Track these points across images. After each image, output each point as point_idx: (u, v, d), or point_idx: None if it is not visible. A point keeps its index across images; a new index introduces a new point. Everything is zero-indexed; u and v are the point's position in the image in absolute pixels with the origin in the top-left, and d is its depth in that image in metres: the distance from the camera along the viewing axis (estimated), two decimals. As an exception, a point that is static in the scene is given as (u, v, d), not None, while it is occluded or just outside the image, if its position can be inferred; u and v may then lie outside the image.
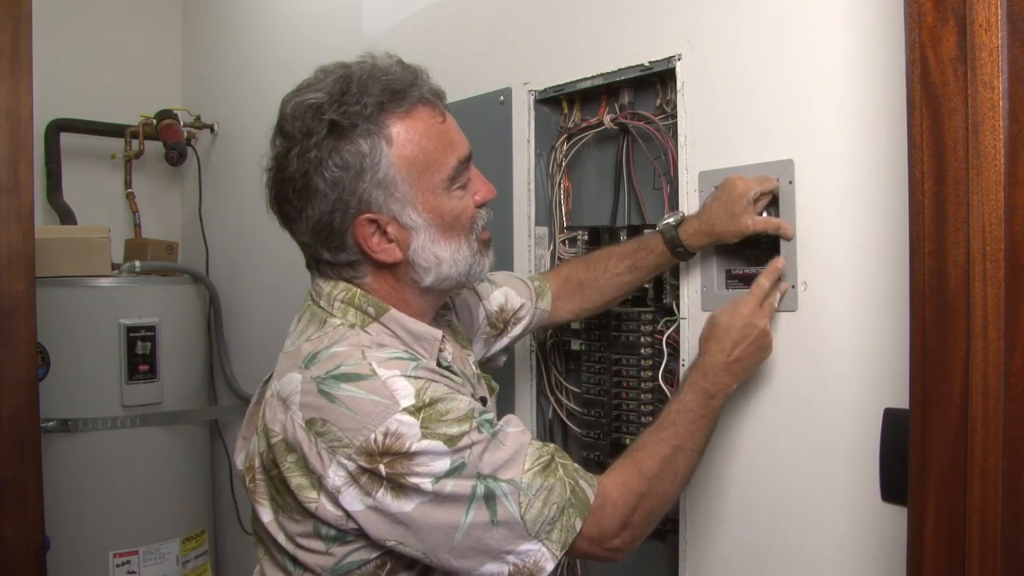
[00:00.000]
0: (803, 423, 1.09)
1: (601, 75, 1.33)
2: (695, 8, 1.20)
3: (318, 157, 0.88)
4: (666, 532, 1.32)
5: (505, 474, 0.84)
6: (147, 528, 2.17)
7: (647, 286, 1.30)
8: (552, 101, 1.45)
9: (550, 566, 0.86)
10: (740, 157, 1.15)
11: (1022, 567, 0.77)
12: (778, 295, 1.10)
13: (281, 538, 0.90)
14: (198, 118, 2.60)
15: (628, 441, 1.30)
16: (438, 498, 0.82)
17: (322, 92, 0.89)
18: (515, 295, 1.23)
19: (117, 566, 2.12)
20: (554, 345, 1.46)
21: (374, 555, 0.87)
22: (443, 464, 0.81)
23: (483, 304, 1.20)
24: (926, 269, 0.82)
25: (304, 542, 0.88)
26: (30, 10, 1.51)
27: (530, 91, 1.45)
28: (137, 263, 2.25)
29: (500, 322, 1.22)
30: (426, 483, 0.81)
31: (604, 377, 1.34)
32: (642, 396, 1.30)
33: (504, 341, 1.24)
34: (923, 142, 0.82)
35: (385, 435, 0.81)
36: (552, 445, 0.91)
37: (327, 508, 0.84)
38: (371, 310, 0.93)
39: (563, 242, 1.45)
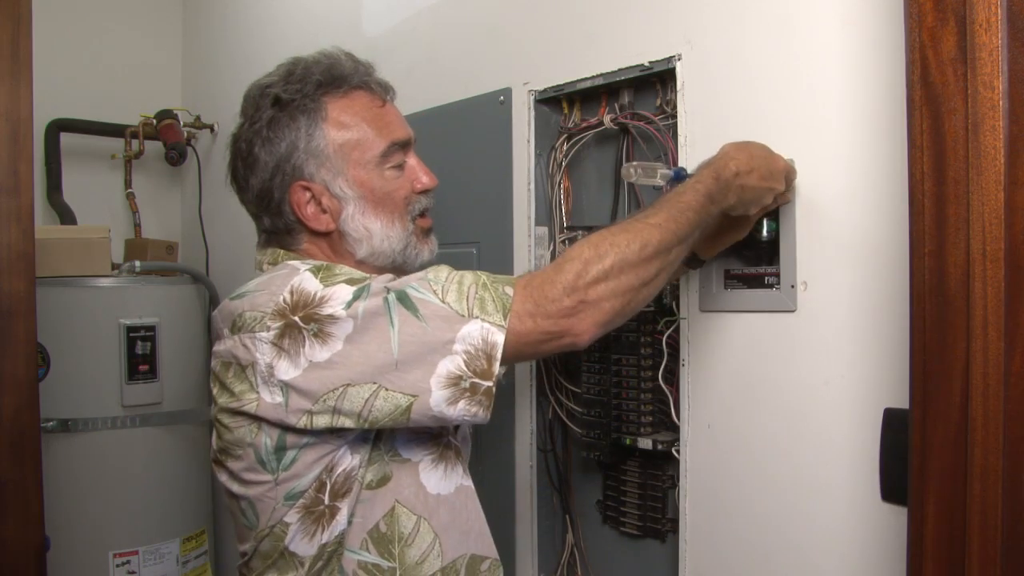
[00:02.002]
0: (803, 423, 1.09)
1: (601, 75, 1.33)
2: (695, 8, 1.20)
3: (260, 129, 0.99)
4: (666, 532, 1.32)
5: (411, 280, 0.87)
6: (147, 528, 2.17)
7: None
8: (552, 101, 1.45)
9: (501, 338, 0.82)
10: (740, 157, 1.14)
11: (1022, 567, 0.77)
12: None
13: (235, 487, 0.93)
14: (198, 118, 2.60)
15: (628, 441, 1.31)
16: (357, 323, 0.83)
17: (274, 76, 1.01)
18: None
19: (117, 566, 2.12)
20: (554, 345, 1.46)
21: (314, 472, 0.89)
22: (348, 293, 0.85)
23: None
24: (926, 269, 0.82)
25: (249, 476, 0.91)
26: (30, 10, 1.51)
27: (530, 91, 1.45)
28: (137, 263, 2.24)
29: None
30: (339, 310, 0.83)
31: (604, 377, 1.34)
32: (642, 396, 1.30)
33: None
34: (923, 142, 0.82)
35: (291, 292, 0.86)
36: None
37: (266, 400, 0.85)
38: (315, 262, 0.98)
39: (563, 242, 1.45)
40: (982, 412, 0.78)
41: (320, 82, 0.98)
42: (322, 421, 0.85)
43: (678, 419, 1.24)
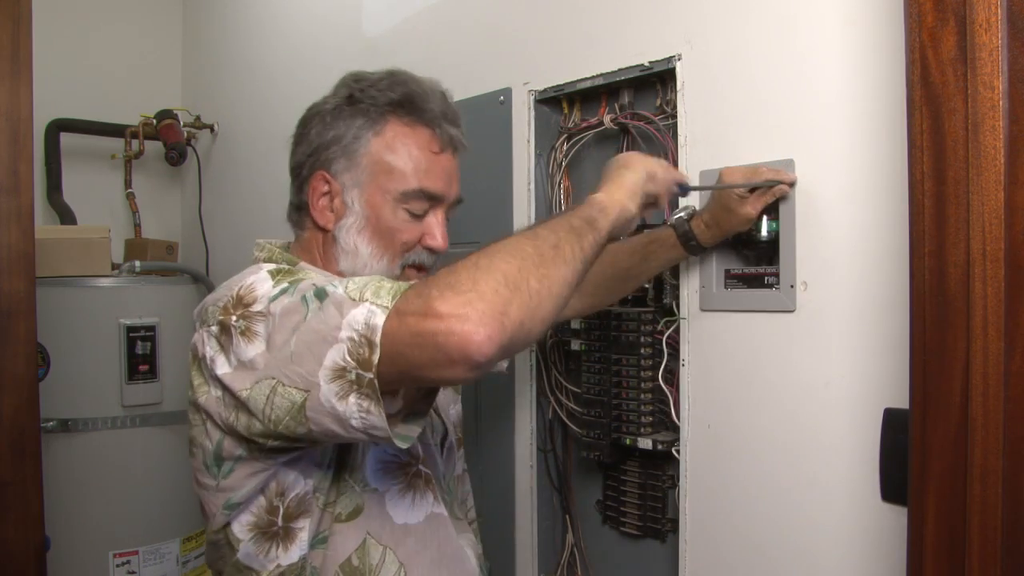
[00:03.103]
0: (803, 423, 1.09)
1: (601, 75, 1.33)
2: (695, 8, 1.20)
3: (321, 113, 1.00)
4: (666, 532, 1.32)
5: (334, 278, 0.85)
6: (147, 528, 2.17)
7: (647, 286, 1.30)
8: (552, 101, 1.45)
9: (380, 319, 0.72)
10: (740, 157, 1.15)
11: (1022, 567, 0.77)
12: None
13: (197, 488, 0.93)
14: (198, 118, 2.60)
15: (628, 441, 1.31)
16: (275, 320, 0.80)
17: (374, 76, 1.01)
18: None
19: (117, 566, 2.12)
20: (554, 345, 1.46)
21: (249, 486, 0.89)
22: (277, 289, 0.84)
23: None
24: (926, 269, 0.82)
25: (201, 478, 0.91)
26: (30, 10, 1.51)
27: (530, 91, 1.45)
28: (137, 263, 2.25)
29: None
30: (264, 306, 0.82)
31: (604, 377, 1.34)
32: (642, 396, 1.30)
33: None
34: (923, 142, 0.82)
35: (241, 288, 0.86)
36: None
37: (211, 393, 0.85)
38: (284, 265, 0.97)
39: (563, 242, 1.45)
40: (982, 412, 0.78)
41: (394, 100, 0.98)
42: (243, 419, 0.82)
43: (678, 419, 1.24)
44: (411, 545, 0.96)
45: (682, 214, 1.17)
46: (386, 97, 0.98)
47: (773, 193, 1.09)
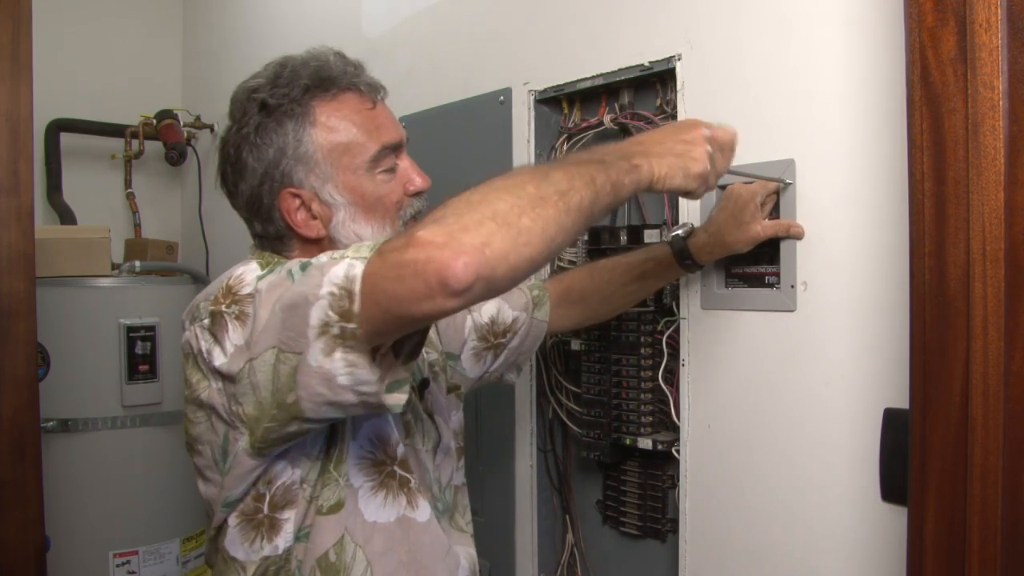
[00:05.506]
0: (803, 423, 1.09)
1: (601, 75, 1.33)
2: (695, 8, 1.20)
3: (248, 134, 0.96)
4: (666, 532, 1.32)
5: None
6: (147, 528, 2.17)
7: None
8: (552, 101, 1.45)
9: (359, 269, 0.72)
10: (741, 157, 1.14)
11: (1022, 567, 0.77)
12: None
13: (200, 484, 0.94)
14: (198, 118, 2.60)
15: (628, 441, 1.31)
16: (261, 296, 0.80)
17: (261, 78, 0.98)
18: (508, 308, 1.18)
19: (117, 566, 2.12)
20: (554, 345, 1.46)
21: (245, 484, 0.89)
22: (264, 270, 0.85)
23: (471, 315, 1.16)
24: (926, 269, 0.82)
25: (210, 475, 0.91)
26: (30, 10, 1.51)
27: (530, 91, 1.45)
28: (137, 263, 2.25)
29: (492, 335, 1.18)
30: (253, 286, 0.83)
31: (604, 377, 1.34)
32: (642, 396, 1.30)
33: (502, 357, 1.20)
34: (923, 142, 0.82)
35: (230, 279, 0.86)
36: None
37: (212, 386, 0.86)
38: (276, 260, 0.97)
39: (563, 242, 1.45)
40: (982, 412, 0.78)
41: (308, 85, 0.95)
42: (249, 404, 0.82)
43: (678, 419, 1.24)
44: (378, 544, 0.95)
45: (680, 232, 1.17)
46: (299, 86, 0.95)
47: (786, 227, 1.09)
